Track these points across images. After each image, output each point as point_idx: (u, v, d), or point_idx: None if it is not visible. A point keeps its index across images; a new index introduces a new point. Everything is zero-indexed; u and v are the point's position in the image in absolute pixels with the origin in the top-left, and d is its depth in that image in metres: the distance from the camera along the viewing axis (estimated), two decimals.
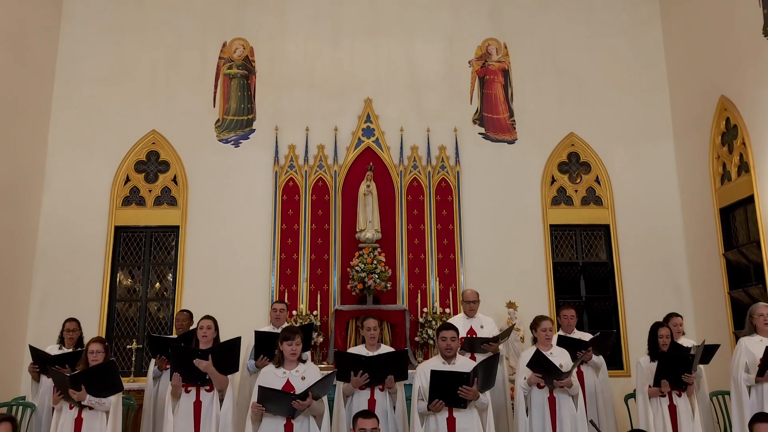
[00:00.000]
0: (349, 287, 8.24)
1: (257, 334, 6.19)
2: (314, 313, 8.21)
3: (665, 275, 8.84)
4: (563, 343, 6.07)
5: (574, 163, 9.30)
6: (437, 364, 5.07)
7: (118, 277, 8.80)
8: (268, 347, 5.84)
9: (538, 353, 5.39)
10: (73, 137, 8.99)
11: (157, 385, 6.54)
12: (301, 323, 7.76)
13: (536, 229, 8.99)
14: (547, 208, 9.08)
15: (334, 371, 5.03)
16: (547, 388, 5.42)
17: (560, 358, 5.58)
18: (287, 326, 5.21)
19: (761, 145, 7.29)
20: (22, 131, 8.41)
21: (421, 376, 5.04)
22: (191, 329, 6.51)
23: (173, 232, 8.91)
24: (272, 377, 4.74)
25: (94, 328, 8.19)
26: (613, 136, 9.28)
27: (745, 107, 7.61)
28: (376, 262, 8.12)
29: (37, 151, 8.78)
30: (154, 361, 6.60)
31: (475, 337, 6.55)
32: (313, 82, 9.34)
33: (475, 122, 9.34)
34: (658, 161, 9.21)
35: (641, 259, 8.87)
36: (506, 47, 9.60)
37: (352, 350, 5.88)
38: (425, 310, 8.35)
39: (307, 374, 4.77)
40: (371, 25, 9.54)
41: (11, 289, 8.10)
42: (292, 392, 4.59)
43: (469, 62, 9.53)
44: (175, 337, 6.98)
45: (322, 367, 7.02)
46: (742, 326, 6.17)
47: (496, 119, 9.37)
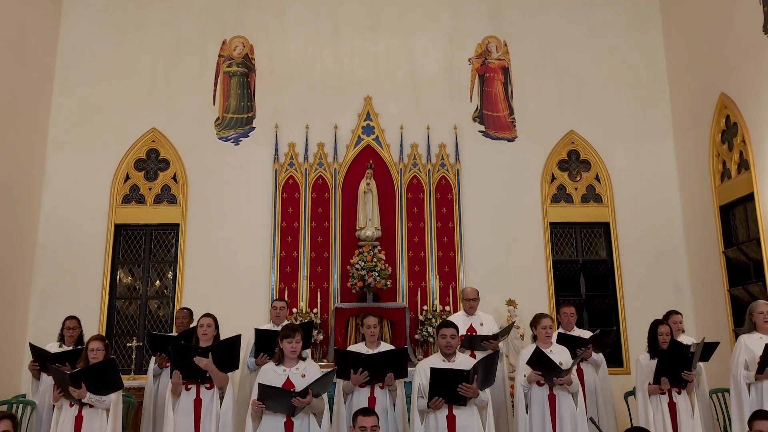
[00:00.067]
0: (349, 285, 8.24)
1: (257, 331, 6.20)
2: (314, 310, 8.22)
3: (665, 273, 8.84)
4: (563, 340, 6.07)
5: (574, 160, 9.30)
6: (437, 361, 5.06)
7: (118, 275, 8.80)
8: (268, 345, 5.85)
9: (537, 351, 5.39)
10: (72, 135, 8.99)
11: (157, 382, 6.55)
12: (301, 321, 7.77)
13: (536, 226, 8.99)
14: (547, 205, 9.08)
15: (334, 369, 5.03)
16: (547, 385, 5.42)
17: (560, 355, 5.58)
18: (287, 324, 5.22)
19: (761, 142, 7.29)
20: (21, 129, 8.41)
21: (421, 373, 5.04)
22: (191, 327, 6.52)
23: (173, 230, 8.91)
24: (272, 375, 4.75)
25: (94, 325, 8.20)
26: (613, 133, 9.28)
27: (745, 105, 7.61)
28: (376, 259, 8.12)
29: (37, 149, 8.78)
30: (154, 358, 6.60)
31: (474, 334, 6.56)
32: (313, 80, 9.33)
33: (475, 120, 9.33)
34: (658, 159, 9.22)
35: (641, 256, 8.88)
36: (506, 45, 9.60)
37: (352, 348, 5.88)
38: (425, 307, 8.35)
39: (307, 372, 4.77)
40: (371, 22, 9.53)
41: (11, 287, 8.11)
42: (292, 390, 4.60)
43: (469, 60, 9.53)
44: (175, 334, 6.97)
45: (322, 364, 7.02)
46: (741, 324, 6.18)
47: (496, 117, 9.36)
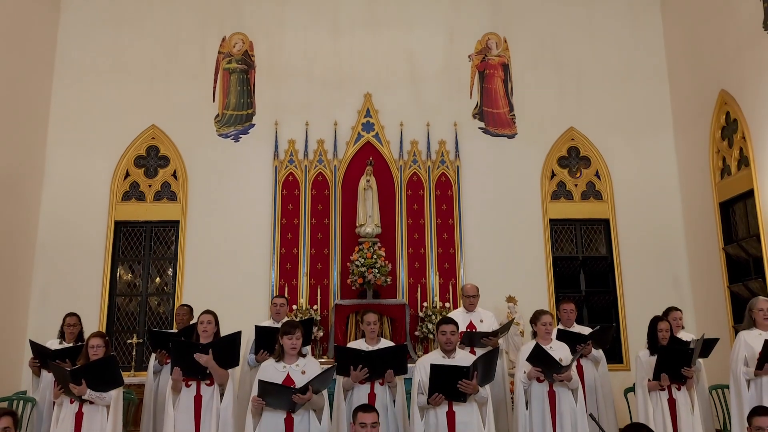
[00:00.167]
0: (349, 282, 8.24)
1: (257, 328, 6.20)
2: (314, 307, 8.22)
3: (665, 269, 8.85)
4: (563, 337, 6.08)
5: (573, 157, 9.30)
6: (437, 358, 5.07)
7: (118, 271, 8.81)
8: (268, 342, 5.85)
9: (537, 347, 5.40)
10: (72, 132, 8.98)
11: (157, 379, 6.55)
12: (301, 318, 7.78)
13: (536, 223, 9.00)
14: (546, 202, 9.08)
15: (334, 365, 5.03)
16: (546, 382, 5.43)
17: (560, 352, 5.59)
18: (288, 320, 5.22)
19: (761, 139, 7.29)
20: (21, 126, 8.40)
21: (420, 370, 5.04)
22: (191, 324, 6.52)
23: (173, 226, 8.91)
24: (272, 371, 4.75)
25: (94, 322, 8.20)
26: (613, 130, 9.28)
27: (745, 101, 7.60)
28: (376, 256, 8.12)
29: (36, 146, 8.78)
30: (154, 355, 6.61)
31: (474, 331, 6.57)
32: (312, 77, 9.33)
33: (474, 117, 9.33)
34: (658, 156, 9.22)
35: (641, 253, 8.88)
36: (506, 42, 9.59)
37: (351, 344, 5.89)
38: (425, 304, 8.36)
39: (307, 368, 4.77)
40: (371, 19, 9.52)
41: (11, 284, 8.12)
42: (292, 386, 4.60)
43: (468, 56, 9.52)
44: (175, 331, 6.98)
45: (322, 361, 7.03)
46: (741, 320, 6.18)
47: (495, 114, 9.36)
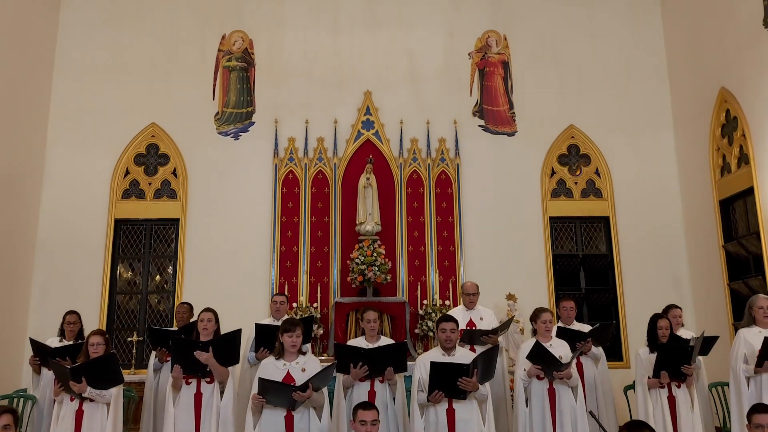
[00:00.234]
0: (349, 279, 8.25)
1: (257, 326, 6.20)
2: (314, 305, 8.23)
3: (665, 267, 8.85)
4: (562, 334, 6.08)
5: (573, 155, 9.30)
6: (437, 355, 5.07)
7: (118, 269, 8.81)
8: (268, 339, 5.85)
9: (537, 345, 5.40)
10: (72, 130, 8.98)
11: (157, 377, 6.56)
12: (301, 315, 7.79)
13: (536, 221, 9.00)
14: (546, 200, 9.08)
15: (333, 363, 5.04)
16: (546, 379, 5.43)
17: (560, 349, 5.59)
18: (288, 318, 5.23)
19: (761, 137, 7.28)
20: (21, 124, 8.40)
21: (420, 367, 5.05)
22: (191, 321, 6.52)
23: (173, 224, 8.92)
24: (273, 369, 4.75)
25: (94, 320, 8.21)
26: (613, 128, 9.27)
27: (745, 99, 7.60)
28: (376, 254, 8.13)
29: (36, 144, 8.78)
30: (154, 353, 6.61)
31: (474, 329, 6.57)
32: (312, 74, 9.32)
33: (474, 114, 9.32)
34: (658, 153, 9.21)
35: (641, 251, 8.89)
36: (506, 39, 9.58)
37: (351, 342, 5.88)
38: (425, 302, 8.36)
39: (307, 366, 4.77)
40: (371, 16, 9.52)
41: (12, 281, 8.12)
42: (292, 384, 4.61)
43: (468, 54, 9.51)
44: (175, 329, 6.98)
45: (322, 359, 7.04)
46: (741, 318, 6.17)
47: (495, 111, 9.35)
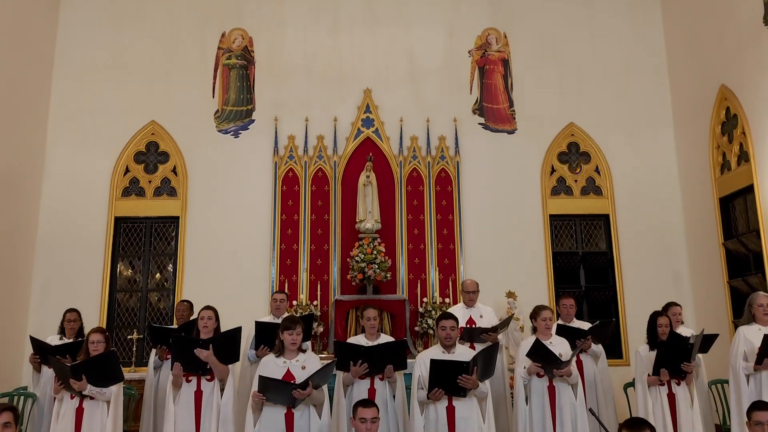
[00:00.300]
0: (349, 277, 8.25)
1: (257, 324, 6.21)
2: (314, 303, 8.23)
3: (665, 264, 8.85)
4: (562, 332, 6.08)
5: (573, 153, 9.30)
6: (437, 353, 5.08)
7: (118, 267, 8.81)
8: (268, 337, 5.86)
9: (537, 342, 5.40)
10: (72, 128, 8.98)
11: (157, 375, 6.57)
12: (301, 313, 7.79)
13: (536, 219, 9.00)
14: (546, 198, 9.08)
15: (333, 361, 5.04)
16: (546, 377, 5.44)
17: (560, 347, 5.59)
18: (288, 316, 5.22)
19: (761, 134, 7.28)
20: (21, 122, 8.40)
21: (420, 365, 5.05)
22: (192, 319, 6.53)
23: (173, 222, 8.92)
24: (273, 367, 4.76)
25: (94, 318, 8.22)
26: (613, 126, 9.27)
27: (745, 97, 7.60)
28: (375, 252, 8.13)
29: (36, 142, 8.78)
30: (154, 351, 6.62)
31: (473, 327, 6.57)
32: (312, 72, 9.32)
33: (474, 112, 9.32)
34: (658, 151, 9.21)
35: (641, 248, 8.89)
36: (506, 37, 9.57)
37: (351, 340, 5.89)
38: (425, 299, 8.37)
39: (307, 364, 4.78)
40: (370, 14, 9.51)
41: (12, 279, 8.12)
42: (292, 382, 4.61)
43: (468, 52, 9.51)
44: (175, 327, 6.99)
45: (322, 356, 7.04)
46: (741, 315, 6.18)
47: (495, 109, 9.35)
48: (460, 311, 6.68)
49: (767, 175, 7.19)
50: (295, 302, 8.28)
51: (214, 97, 9.23)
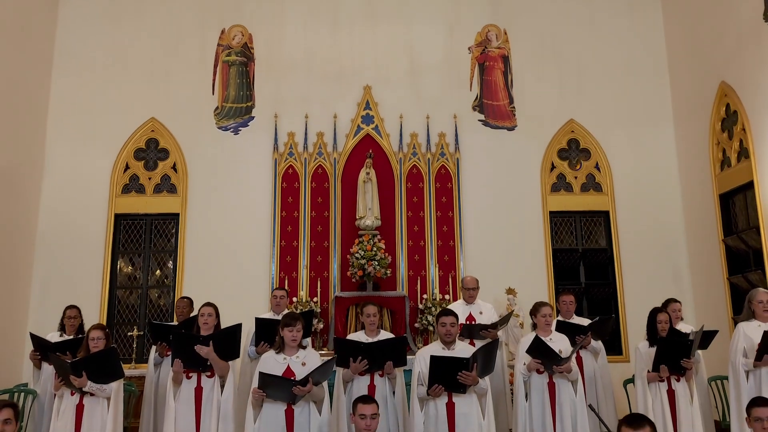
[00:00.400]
0: (349, 274, 8.26)
1: (258, 320, 6.21)
2: (314, 299, 8.24)
3: (664, 261, 8.85)
4: (562, 328, 6.09)
5: (573, 149, 9.29)
6: (437, 349, 5.08)
7: (118, 264, 8.82)
8: (268, 334, 5.87)
9: (537, 339, 5.41)
10: (72, 125, 8.97)
11: (158, 371, 6.57)
12: (301, 310, 7.79)
13: (536, 215, 9.00)
14: (546, 194, 9.08)
15: (333, 357, 5.04)
16: (546, 373, 5.44)
17: (559, 343, 5.60)
18: (288, 312, 5.23)
19: (761, 131, 7.28)
20: (20, 120, 8.39)
21: (420, 361, 5.05)
22: (192, 316, 6.54)
23: (173, 219, 8.92)
24: (273, 363, 4.76)
25: (94, 315, 8.21)
26: (613, 122, 9.27)
27: (745, 93, 7.59)
28: (375, 249, 8.13)
29: (36, 139, 8.77)
30: (155, 347, 6.62)
31: (473, 323, 6.57)
32: (312, 69, 9.31)
33: (474, 109, 9.31)
34: (658, 148, 9.20)
35: (641, 245, 8.89)
36: (506, 33, 9.56)
37: (351, 336, 5.90)
38: (425, 296, 8.37)
39: (307, 360, 4.77)
40: (370, 10, 9.49)
41: (12, 276, 8.12)
42: (292, 378, 4.61)
43: (468, 48, 9.50)
44: (175, 324, 6.99)
45: (322, 353, 7.04)
46: (740, 312, 6.18)
47: (495, 106, 9.34)
48: (459, 308, 6.68)
49: (767, 171, 7.19)
50: (295, 299, 8.28)
51: (213, 93, 9.22)
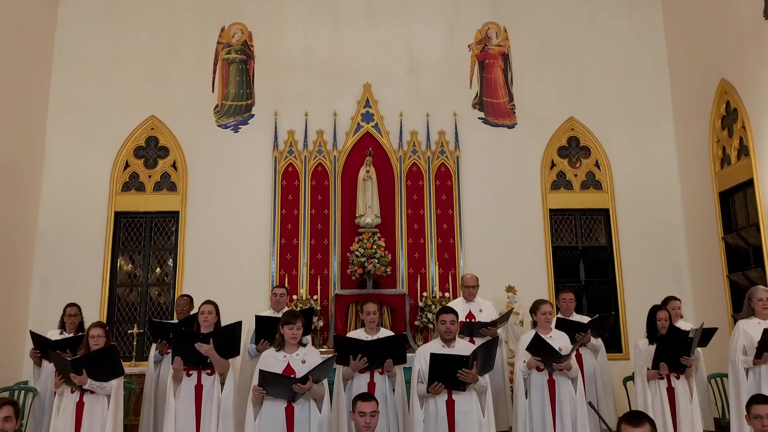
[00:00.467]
0: (349, 272, 8.26)
1: (258, 318, 6.22)
2: (314, 297, 8.24)
3: (664, 259, 8.86)
4: (562, 326, 6.10)
5: (573, 147, 9.29)
6: (437, 347, 5.08)
7: (118, 262, 8.82)
8: (268, 331, 5.87)
9: (537, 337, 5.41)
10: (72, 123, 8.96)
11: (158, 369, 6.59)
12: (301, 308, 7.80)
13: (536, 213, 8.99)
14: (546, 192, 9.08)
15: (333, 355, 5.05)
16: (546, 371, 5.45)
17: (559, 341, 5.61)
18: (288, 310, 5.23)
19: (761, 128, 7.28)
20: (20, 118, 8.38)
21: (420, 359, 5.06)
22: (192, 314, 6.54)
23: (173, 217, 8.92)
24: (273, 361, 4.76)
25: (95, 313, 8.21)
26: (613, 120, 9.26)
27: (745, 91, 7.59)
28: (375, 246, 8.13)
29: (36, 136, 8.76)
30: (155, 345, 6.63)
31: (473, 321, 6.58)
32: (312, 67, 9.30)
33: (474, 107, 9.31)
34: (658, 145, 9.20)
35: (640, 242, 8.89)
36: (506, 31, 9.55)
37: (351, 334, 5.90)
38: (425, 294, 8.37)
39: (307, 358, 4.78)
40: (370, 9, 9.49)
41: (12, 274, 8.12)
42: (292, 376, 4.62)
43: (468, 46, 9.49)
44: (175, 321, 7.00)
45: (322, 351, 7.05)
46: (740, 309, 6.19)
47: (495, 104, 9.34)
48: (459, 305, 6.69)
49: (767, 169, 7.19)
50: (295, 297, 8.29)
51: (213, 91, 9.21)
